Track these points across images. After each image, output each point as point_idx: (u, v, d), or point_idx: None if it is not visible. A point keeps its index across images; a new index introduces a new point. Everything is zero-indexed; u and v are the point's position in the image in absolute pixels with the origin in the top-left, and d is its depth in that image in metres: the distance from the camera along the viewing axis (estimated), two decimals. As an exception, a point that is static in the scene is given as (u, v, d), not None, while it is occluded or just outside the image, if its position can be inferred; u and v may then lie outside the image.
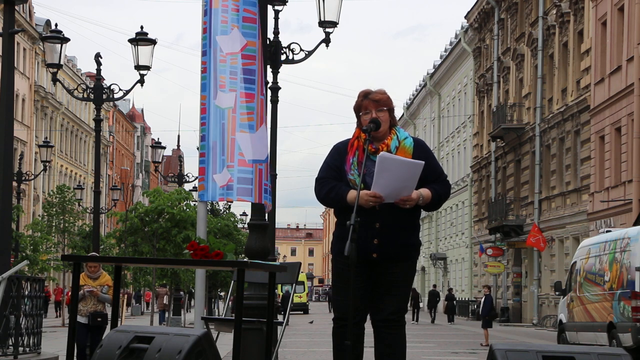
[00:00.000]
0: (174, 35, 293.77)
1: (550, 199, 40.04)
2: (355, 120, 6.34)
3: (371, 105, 6.21)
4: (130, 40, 18.15)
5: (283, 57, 16.14)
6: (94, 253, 13.73)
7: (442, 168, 6.43)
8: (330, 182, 6.18)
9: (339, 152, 6.26)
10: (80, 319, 11.99)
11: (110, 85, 19.32)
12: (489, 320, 27.23)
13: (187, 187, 34.48)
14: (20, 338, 13.91)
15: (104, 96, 19.15)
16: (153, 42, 18.18)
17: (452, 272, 62.64)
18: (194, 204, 29.04)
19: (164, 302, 39.49)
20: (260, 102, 7.53)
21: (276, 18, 17.27)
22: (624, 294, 18.13)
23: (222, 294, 51.51)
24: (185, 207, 28.73)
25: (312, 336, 28.16)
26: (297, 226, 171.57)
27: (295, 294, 55.81)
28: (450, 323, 42.99)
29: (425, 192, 6.11)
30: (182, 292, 36.34)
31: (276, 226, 18.44)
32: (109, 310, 10.28)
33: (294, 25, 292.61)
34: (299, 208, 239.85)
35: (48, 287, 46.46)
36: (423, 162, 6.01)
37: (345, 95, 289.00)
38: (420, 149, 6.24)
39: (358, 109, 6.27)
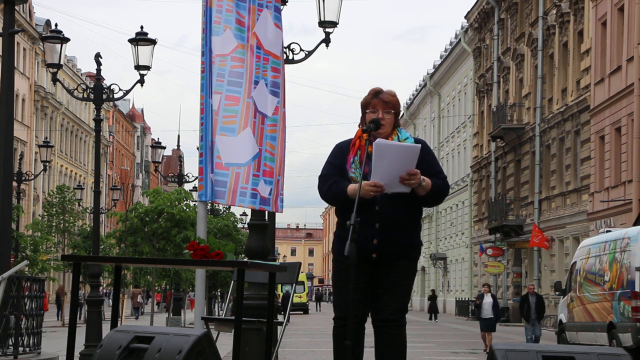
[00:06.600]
0: (177, 37, 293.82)
1: (550, 199, 40.02)
2: (359, 119, 6.34)
3: (380, 106, 6.20)
4: (130, 40, 18.10)
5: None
6: None
7: (442, 168, 6.43)
8: (332, 178, 6.18)
9: (341, 151, 6.26)
10: None
11: (110, 85, 19.29)
12: (495, 322, 24.42)
13: (187, 187, 34.44)
14: (20, 338, 13.91)
15: (104, 96, 19.09)
16: (153, 42, 18.13)
17: (452, 272, 62.59)
18: (194, 204, 29.04)
19: (138, 300, 49.76)
20: (246, 105, 7.49)
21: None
22: (624, 294, 18.14)
23: (220, 292, 51.45)
24: (185, 207, 28.73)
25: (312, 336, 28.16)
26: (297, 226, 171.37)
27: (295, 294, 55.82)
28: (434, 320, 46.04)
29: (426, 178, 6.10)
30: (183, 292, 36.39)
31: (276, 226, 18.38)
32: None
33: (298, 27, 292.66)
34: (299, 208, 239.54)
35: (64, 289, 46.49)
36: (419, 145, 6.03)
37: (346, 96, 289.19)
38: (421, 149, 6.23)
39: (366, 105, 6.26)
